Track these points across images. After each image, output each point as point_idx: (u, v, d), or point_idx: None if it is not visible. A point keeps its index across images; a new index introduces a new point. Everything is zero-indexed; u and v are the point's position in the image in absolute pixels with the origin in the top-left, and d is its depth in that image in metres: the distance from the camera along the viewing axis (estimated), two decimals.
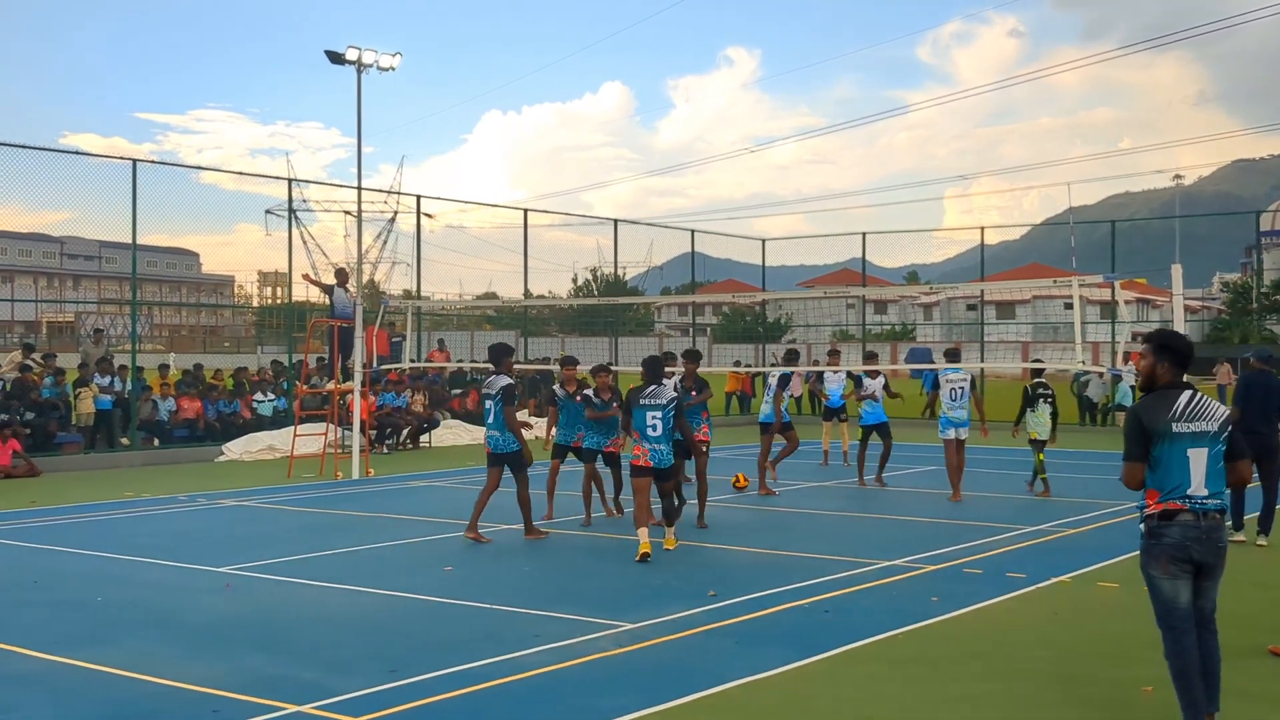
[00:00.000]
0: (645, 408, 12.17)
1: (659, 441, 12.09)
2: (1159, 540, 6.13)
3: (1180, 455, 6.09)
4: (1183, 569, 6.11)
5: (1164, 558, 6.12)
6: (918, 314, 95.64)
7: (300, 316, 30.63)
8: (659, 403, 12.15)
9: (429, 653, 8.04)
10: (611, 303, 35.65)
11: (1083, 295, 15.81)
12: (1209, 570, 6.18)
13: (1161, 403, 6.18)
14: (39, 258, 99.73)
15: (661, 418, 12.08)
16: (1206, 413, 6.15)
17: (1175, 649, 6.14)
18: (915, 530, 13.75)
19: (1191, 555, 6.09)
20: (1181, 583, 6.13)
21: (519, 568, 11.42)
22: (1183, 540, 6.07)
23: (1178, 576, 6.12)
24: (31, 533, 13.80)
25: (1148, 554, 6.20)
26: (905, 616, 9.10)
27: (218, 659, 7.91)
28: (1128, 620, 9.01)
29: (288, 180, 29.55)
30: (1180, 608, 6.13)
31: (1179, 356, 6.26)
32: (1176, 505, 6.08)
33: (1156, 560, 6.15)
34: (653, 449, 12.11)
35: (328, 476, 19.62)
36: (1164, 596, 6.15)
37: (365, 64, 21.25)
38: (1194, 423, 6.12)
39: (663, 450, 12.10)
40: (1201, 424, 6.13)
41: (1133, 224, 41.18)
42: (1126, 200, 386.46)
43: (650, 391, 12.29)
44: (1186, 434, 6.10)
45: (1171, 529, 6.09)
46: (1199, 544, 6.08)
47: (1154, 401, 6.21)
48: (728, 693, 7.12)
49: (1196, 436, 6.11)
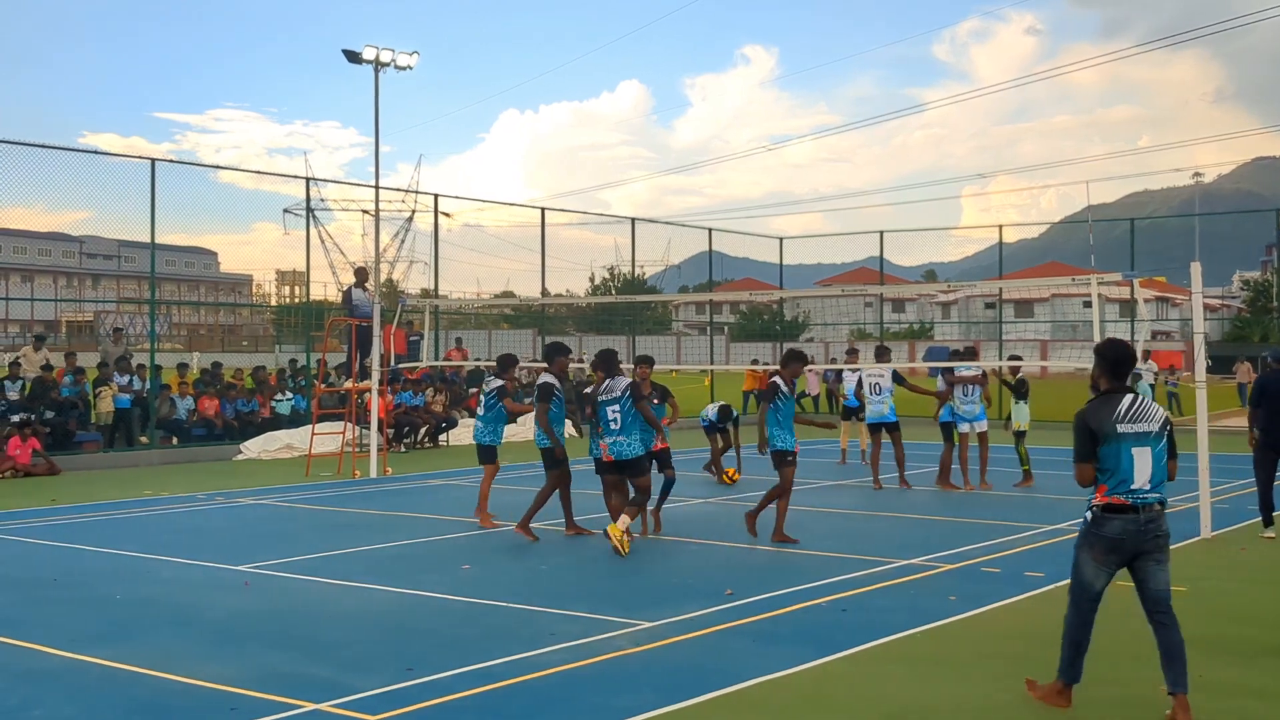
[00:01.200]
0: (605, 402, 12.25)
1: (620, 433, 12.13)
2: (1099, 530, 6.66)
3: (1126, 453, 6.59)
4: (1111, 560, 6.69)
5: (1099, 546, 6.68)
6: (936, 312, 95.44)
7: (318, 315, 30.72)
8: (615, 395, 12.22)
9: (446, 651, 8.05)
10: (629, 301, 35.65)
11: (1102, 293, 15.75)
12: (1149, 554, 6.66)
13: (1106, 406, 6.71)
14: (59, 257, 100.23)
15: (620, 409, 12.14)
16: (1147, 415, 6.67)
17: (1076, 624, 6.82)
18: (933, 529, 13.71)
19: (1124, 549, 6.63)
20: (1104, 574, 6.73)
21: (536, 566, 11.43)
22: (1121, 533, 6.60)
23: (1104, 566, 6.71)
24: (51, 531, 13.87)
25: (1085, 539, 6.76)
26: (923, 616, 9.07)
27: (236, 657, 7.93)
28: (1145, 619, 8.95)
29: (306, 179, 29.65)
30: (1094, 592, 6.77)
31: (1116, 364, 6.83)
32: (1120, 500, 6.60)
33: (1092, 547, 6.71)
34: (614, 442, 12.17)
35: (345, 475, 19.67)
36: (1084, 579, 6.77)
37: (383, 63, 21.38)
38: (1137, 424, 6.64)
39: (624, 442, 12.13)
40: (1144, 425, 6.65)
41: (1152, 222, 40.97)
42: (1145, 198, 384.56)
43: (606, 386, 12.36)
44: (1130, 434, 6.61)
45: (1113, 521, 6.62)
46: (1136, 535, 6.60)
47: (1099, 405, 6.74)
48: (745, 692, 7.11)
49: (1140, 436, 6.62)
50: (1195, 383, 13.52)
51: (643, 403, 12.38)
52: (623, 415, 12.13)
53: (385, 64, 21.40)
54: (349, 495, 17.29)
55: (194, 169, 26.60)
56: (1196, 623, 9.03)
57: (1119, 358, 6.86)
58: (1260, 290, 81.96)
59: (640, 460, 12.32)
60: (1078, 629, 6.83)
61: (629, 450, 12.17)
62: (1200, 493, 13.23)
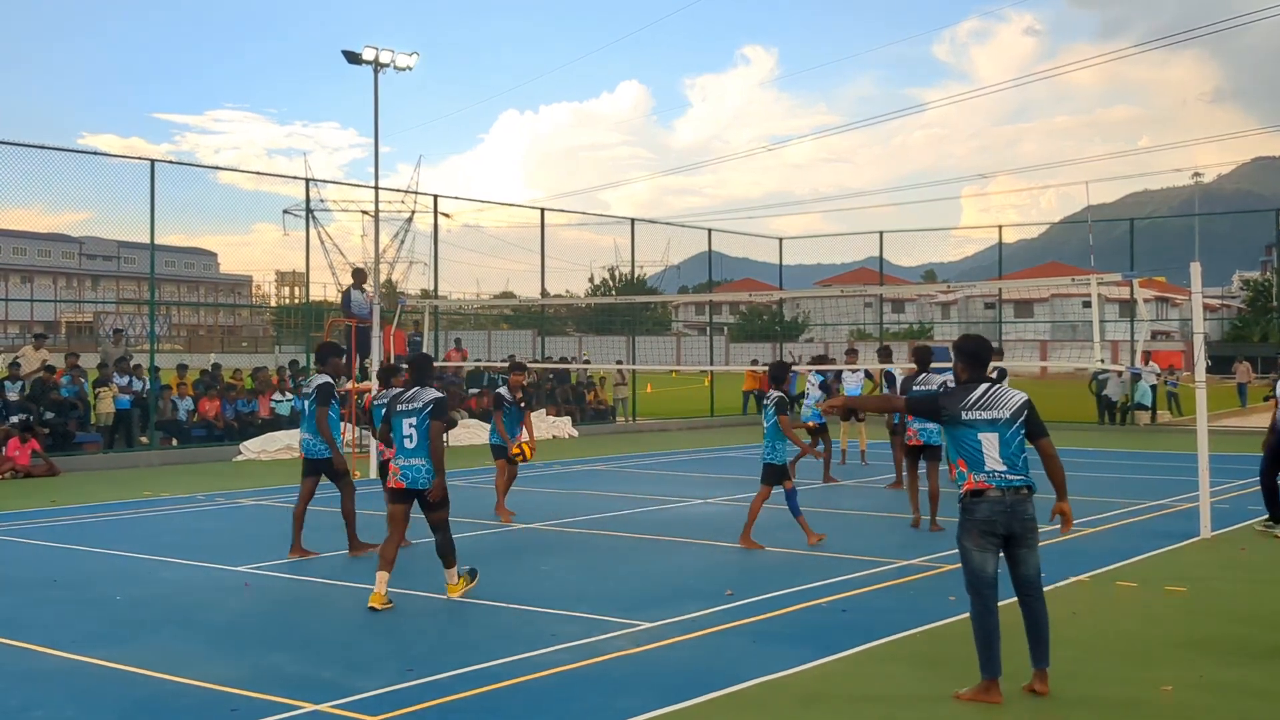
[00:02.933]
0: (402, 414, 9.81)
1: (414, 455, 9.70)
2: (971, 515, 6.93)
3: (974, 439, 6.94)
4: (990, 542, 6.91)
5: (975, 530, 6.92)
6: (935, 313, 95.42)
7: (318, 316, 30.72)
8: (415, 407, 9.76)
9: (446, 652, 8.06)
10: (629, 302, 35.67)
11: (1101, 294, 15.76)
12: (1019, 539, 6.94)
13: (958, 393, 7.10)
14: (58, 258, 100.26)
15: (417, 425, 9.69)
16: (999, 402, 6.97)
17: (980, 613, 6.95)
18: (931, 530, 13.69)
19: (997, 529, 6.89)
20: (989, 555, 6.93)
21: (536, 567, 11.43)
22: (990, 515, 6.87)
23: (986, 549, 6.92)
24: (51, 532, 13.87)
25: (962, 527, 6.99)
26: (923, 616, 9.08)
27: (236, 657, 7.93)
28: (1146, 619, 8.97)
29: (305, 180, 29.70)
30: (987, 576, 6.94)
31: (969, 357, 7.20)
32: (983, 484, 6.90)
33: (969, 533, 6.94)
34: (405, 466, 9.74)
35: None
36: (974, 566, 6.95)
37: (382, 64, 21.32)
38: (986, 411, 6.96)
39: (420, 467, 9.70)
40: (994, 412, 6.95)
41: (1152, 222, 40.97)
42: (1145, 198, 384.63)
43: (409, 395, 9.93)
44: (980, 420, 6.94)
45: (981, 505, 6.89)
46: (1004, 516, 6.87)
47: (955, 392, 7.15)
48: (745, 692, 7.11)
49: (990, 423, 6.93)
50: (1195, 383, 13.52)
51: (438, 424, 9.76)
52: (419, 433, 9.71)
53: (385, 65, 21.35)
54: None
55: (193, 170, 26.71)
56: (1197, 623, 9.05)
57: (970, 350, 7.21)
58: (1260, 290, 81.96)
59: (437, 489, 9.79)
60: (984, 618, 6.96)
61: (428, 479, 9.71)
62: (1200, 493, 13.23)
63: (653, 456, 21.48)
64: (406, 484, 9.73)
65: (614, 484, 18.62)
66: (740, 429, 33.02)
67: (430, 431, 9.66)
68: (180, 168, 24.54)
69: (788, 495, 12.55)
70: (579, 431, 29.38)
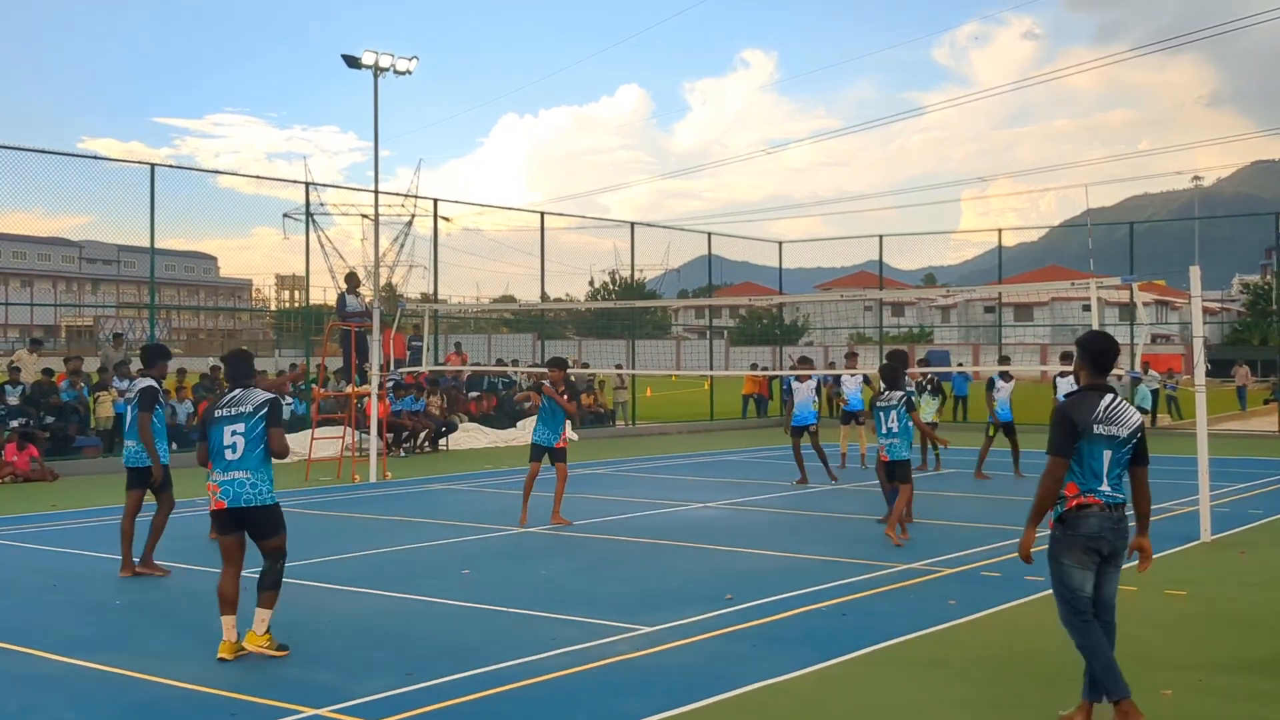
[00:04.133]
0: (224, 420, 8.23)
1: (238, 467, 8.11)
2: (1075, 530, 6.45)
3: (1098, 454, 6.43)
4: (1092, 560, 6.48)
5: (1078, 548, 6.46)
6: (935, 316, 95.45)
7: (318, 320, 30.74)
8: (242, 411, 8.21)
9: (446, 656, 8.05)
10: (628, 305, 35.68)
11: (1101, 297, 15.77)
12: (1113, 557, 6.54)
13: (1086, 403, 6.49)
14: (58, 261, 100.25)
15: (245, 433, 8.15)
16: (1120, 419, 6.47)
17: (1085, 632, 6.49)
18: (932, 533, 13.70)
19: (1102, 546, 6.46)
20: (1089, 573, 6.49)
21: (536, 571, 11.42)
22: (1098, 530, 6.44)
23: (1087, 567, 6.48)
24: (51, 536, 13.86)
25: (1061, 544, 6.51)
26: (923, 620, 9.07)
27: (236, 662, 7.93)
28: (1146, 623, 8.96)
29: (305, 184, 29.69)
30: (1086, 595, 6.50)
31: (1096, 358, 6.61)
32: (1091, 499, 6.44)
33: (1071, 549, 6.47)
34: (227, 481, 8.10)
35: (345, 480, 19.66)
36: (1074, 584, 6.48)
37: (382, 68, 21.38)
38: (1110, 426, 6.45)
39: (245, 482, 8.10)
40: (1114, 428, 6.45)
41: (1151, 225, 40.99)
42: (1145, 202, 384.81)
43: (231, 398, 8.35)
44: (1104, 436, 6.43)
45: (1089, 520, 6.43)
46: (1110, 533, 6.47)
47: (1080, 401, 6.52)
48: (745, 696, 7.10)
49: (1110, 439, 6.44)
50: (1194, 386, 13.52)
51: (276, 429, 8.27)
52: (248, 443, 8.14)
53: (384, 69, 21.40)
54: (348, 500, 17.28)
55: (193, 174, 26.62)
56: (1197, 627, 9.04)
57: (1096, 350, 6.64)
58: (1260, 294, 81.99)
59: (271, 512, 8.22)
60: (1091, 635, 6.50)
61: (254, 495, 8.12)
62: (1200, 496, 13.23)
63: (652, 460, 21.48)
64: (229, 502, 8.08)
65: (614, 487, 18.62)
66: (740, 433, 33.02)
67: (271, 439, 8.19)
68: (180, 172, 24.55)
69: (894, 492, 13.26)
70: (579, 435, 29.39)
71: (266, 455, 8.20)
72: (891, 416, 13.32)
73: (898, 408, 13.33)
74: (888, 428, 13.35)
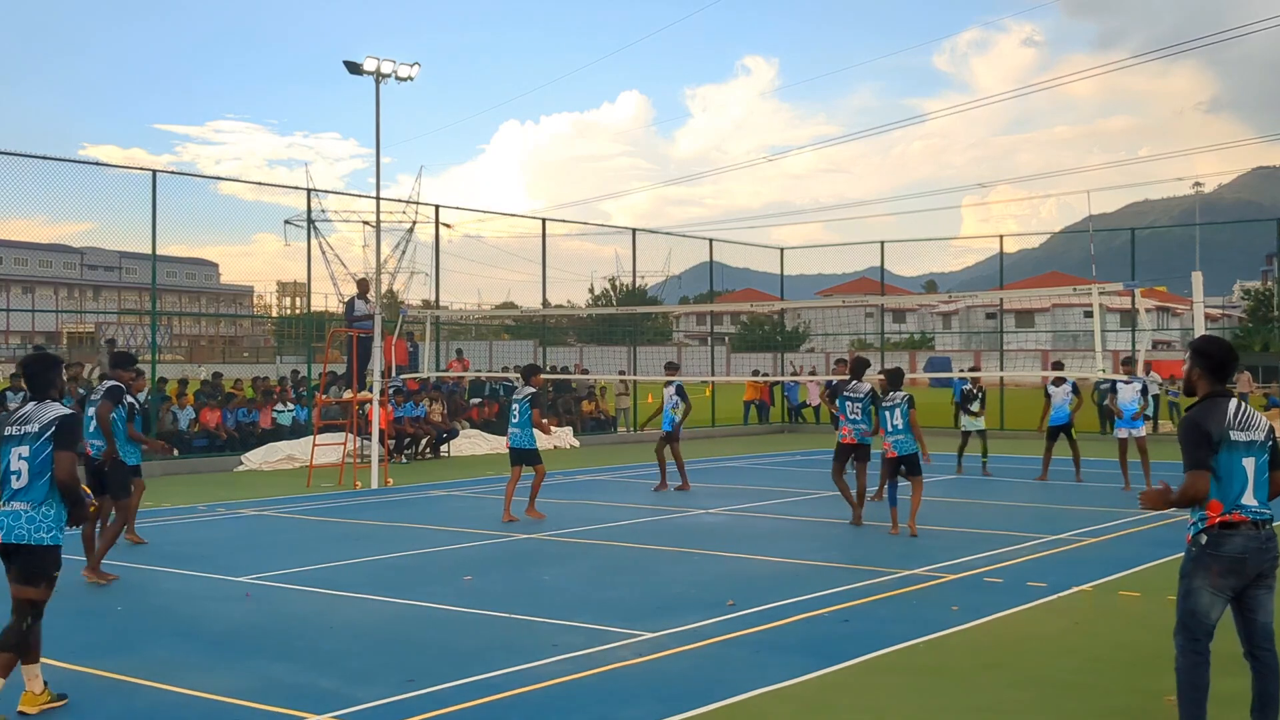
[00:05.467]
0: (12, 441, 6.93)
1: (20, 498, 6.85)
2: (1217, 550, 5.87)
3: (1239, 464, 5.89)
4: (1228, 585, 5.89)
5: (1216, 568, 5.87)
6: (936, 322, 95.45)
7: (319, 326, 30.74)
8: (29, 431, 6.91)
9: (447, 662, 8.04)
10: (630, 312, 35.69)
11: (1103, 303, 15.78)
12: (1263, 579, 5.93)
13: (1215, 410, 5.97)
14: (59, 268, 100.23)
15: (30, 457, 6.87)
16: (1253, 422, 5.98)
17: (1196, 664, 5.91)
18: (934, 539, 13.69)
19: (1247, 569, 5.87)
20: (1221, 599, 5.91)
21: (537, 577, 11.41)
22: (1244, 550, 5.85)
23: (1221, 591, 5.90)
24: None
25: (1198, 563, 5.92)
26: (925, 626, 9.06)
27: (237, 668, 7.92)
28: (1149, 629, 8.95)
29: (306, 191, 29.72)
30: (1211, 622, 5.92)
31: (1213, 363, 6.11)
32: (1240, 516, 5.87)
33: (1208, 570, 5.89)
34: (4, 514, 6.85)
35: (347, 486, 19.66)
36: (1200, 608, 5.90)
37: (383, 74, 21.32)
38: (1245, 431, 5.95)
39: (18, 513, 6.83)
40: (1250, 433, 5.95)
41: (1152, 231, 41.04)
42: (1146, 208, 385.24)
43: (23, 414, 7.03)
44: (1242, 442, 5.91)
45: (1234, 539, 5.85)
46: (1258, 554, 5.87)
47: (1209, 408, 5.99)
48: (746, 703, 7.10)
49: (1249, 445, 5.93)
50: None
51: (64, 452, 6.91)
52: (31, 469, 6.86)
53: (386, 75, 21.35)
54: (350, 506, 17.27)
55: (195, 180, 26.75)
56: None
57: (1224, 358, 6.11)
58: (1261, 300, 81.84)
59: (43, 555, 6.84)
60: (1199, 670, 5.91)
61: (28, 531, 6.82)
62: None
63: (654, 466, 21.39)
64: (4, 538, 6.80)
65: (615, 494, 18.61)
66: (741, 439, 33.02)
67: (56, 466, 6.85)
68: (181, 178, 24.66)
69: (893, 485, 14.39)
70: (580, 441, 29.37)
71: (54, 485, 6.87)
72: (896, 414, 14.29)
73: (900, 406, 14.30)
74: (893, 424, 14.29)
